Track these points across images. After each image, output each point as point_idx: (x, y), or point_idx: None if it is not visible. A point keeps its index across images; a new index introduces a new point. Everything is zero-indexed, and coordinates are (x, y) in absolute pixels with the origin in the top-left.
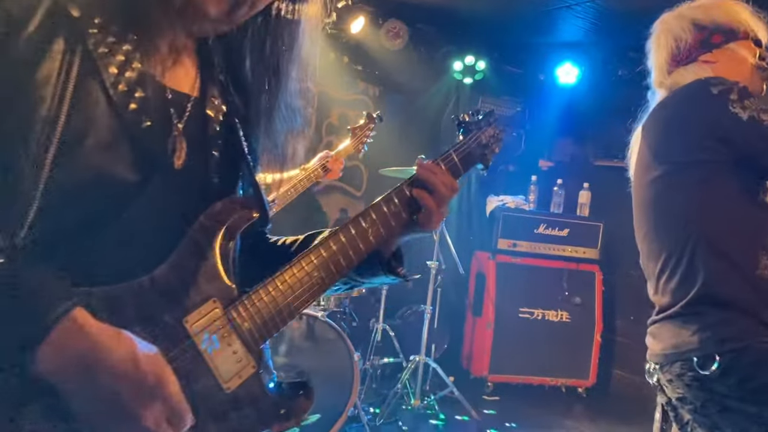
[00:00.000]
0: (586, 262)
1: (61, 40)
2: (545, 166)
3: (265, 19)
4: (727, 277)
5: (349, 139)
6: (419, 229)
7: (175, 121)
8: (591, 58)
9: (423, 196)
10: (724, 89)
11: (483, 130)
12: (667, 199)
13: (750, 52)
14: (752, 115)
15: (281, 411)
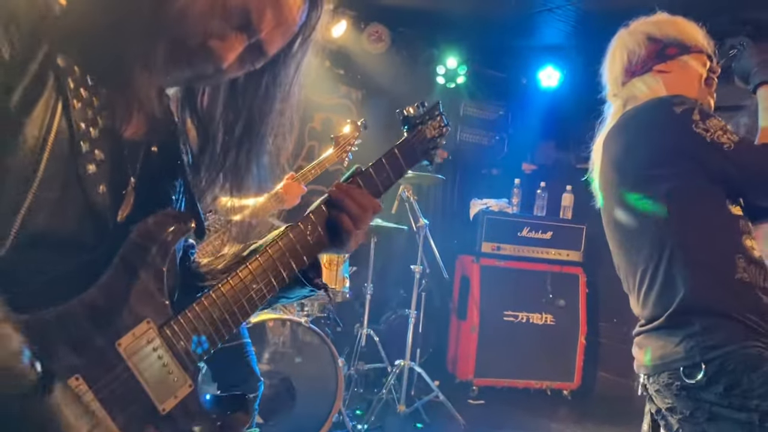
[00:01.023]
0: (569, 264)
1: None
2: (528, 170)
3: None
4: (707, 285)
5: (332, 147)
6: (335, 249)
7: (130, 178)
8: (572, 62)
9: (338, 218)
10: (686, 109)
11: (427, 125)
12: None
13: (701, 65)
14: (714, 135)
15: (218, 425)
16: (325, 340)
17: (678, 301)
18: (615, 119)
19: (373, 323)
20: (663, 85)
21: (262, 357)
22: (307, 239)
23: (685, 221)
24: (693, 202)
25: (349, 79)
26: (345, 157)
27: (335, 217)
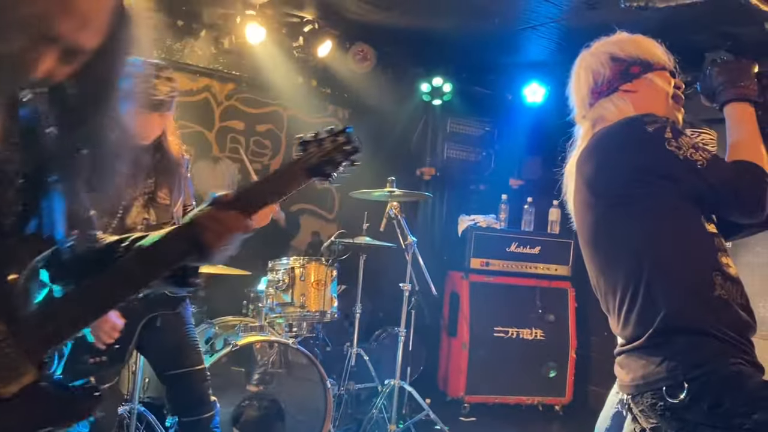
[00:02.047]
0: (558, 279)
1: None
2: (515, 185)
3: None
4: (686, 303)
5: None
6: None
7: None
8: (557, 78)
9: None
10: (658, 127)
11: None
12: (612, 233)
13: (666, 82)
14: (686, 153)
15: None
16: (313, 360)
17: (659, 320)
18: (585, 141)
19: (362, 342)
20: (631, 105)
21: (251, 379)
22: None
23: (661, 240)
24: (668, 220)
25: (335, 98)
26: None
27: (197, 234)
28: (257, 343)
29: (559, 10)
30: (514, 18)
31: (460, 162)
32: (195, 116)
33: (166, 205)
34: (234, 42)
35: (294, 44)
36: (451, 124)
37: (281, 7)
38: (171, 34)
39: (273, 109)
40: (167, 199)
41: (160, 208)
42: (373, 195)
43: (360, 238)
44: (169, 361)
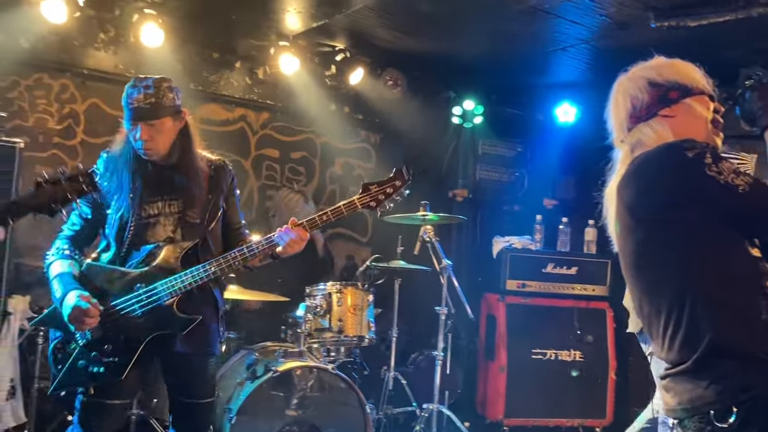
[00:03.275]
0: (595, 299)
1: None
2: (550, 205)
3: None
4: (732, 327)
5: (359, 194)
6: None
7: None
8: (589, 97)
9: None
10: (698, 152)
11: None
12: (654, 258)
13: (705, 107)
14: (727, 178)
15: None
16: (352, 385)
17: (704, 344)
18: (624, 165)
19: (400, 366)
20: (669, 130)
21: (290, 403)
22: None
23: (704, 264)
24: (710, 244)
25: (367, 124)
26: (377, 207)
27: None
28: (297, 368)
29: (589, 31)
30: (544, 40)
31: (492, 183)
32: (232, 145)
33: (196, 224)
34: (268, 72)
35: (326, 73)
36: (482, 145)
37: (314, 38)
38: (207, 66)
39: (306, 137)
40: (197, 218)
41: (189, 227)
42: (407, 219)
43: (395, 262)
44: (178, 387)
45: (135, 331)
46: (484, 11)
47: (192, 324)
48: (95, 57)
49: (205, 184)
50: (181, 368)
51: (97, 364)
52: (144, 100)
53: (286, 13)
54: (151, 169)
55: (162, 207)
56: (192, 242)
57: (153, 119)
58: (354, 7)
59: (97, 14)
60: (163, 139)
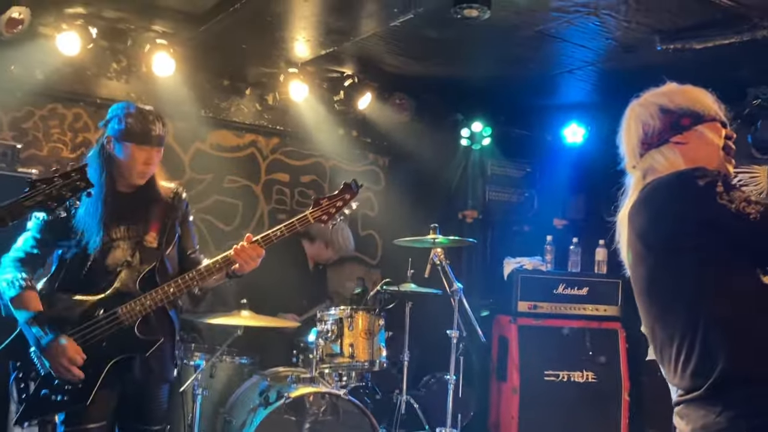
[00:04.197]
0: (607, 320)
1: None
2: (560, 225)
3: None
4: (744, 354)
5: (310, 209)
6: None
7: None
8: (596, 118)
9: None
10: (709, 181)
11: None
12: (666, 285)
13: (717, 133)
14: (738, 206)
15: None
16: (364, 410)
17: (717, 371)
18: (636, 191)
19: (411, 389)
20: (681, 157)
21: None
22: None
23: (716, 293)
24: (722, 273)
25: (375, 147)
26: (329, 220)
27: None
28: (310, 394)
29: (596, 54)
30: (551, 63)
31: (502, 204)
32: (242, 171)
33: (154, 248)
34: (278, 98)
35: (335, 98)
36: (491, 166)
37: (322, 64)
38: (217, 93)
39: (316, 161)
40: (154, 243)
41: (146, 251)
42: (417, 243)
43: (405, 286)
44: (132, 412)
45: (97, 357)
46: (491, 37)
47: (154, 345)
48: (108, 86)
49: (163, 210)
50: (136, 393)
51: (59, 392)
52: (162, 128)
53: (295, 42)
54: (115, 194)
55: (123, 232)
56: (150, 266)
57: (162, 147)
58: (362, 35)
59: (110, 45)
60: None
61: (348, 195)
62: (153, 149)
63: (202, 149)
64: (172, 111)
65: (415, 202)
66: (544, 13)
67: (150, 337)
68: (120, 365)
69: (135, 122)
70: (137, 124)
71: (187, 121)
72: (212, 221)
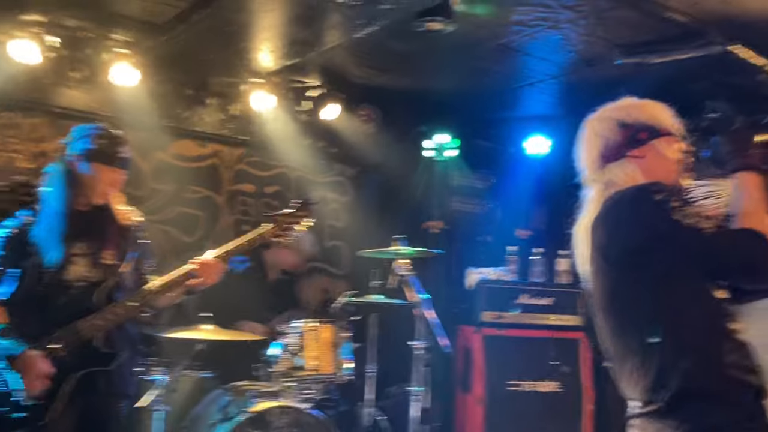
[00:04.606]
0: (570, 329)
1: None
2: (523, 236)
3: None
4: (698, 369)
5: (268, 224)
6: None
7: None
8: (559, 130)
9: None
10: (666, 196)
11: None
12: (625, 299)
13: (674, 148)
14: (692, 221)
15: None
16: (327, 424)
17: (673, 386)
18: (595, 204)
19: (376, 401)
20: (639, 171)
21: None
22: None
23: (671, 307)
24: (678, 287)
25: (342, 158)
26: (284, 236)
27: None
28: (272, 408)
29: (558, 67)
30: (513, 76)
31: (466, 215)
32: (205, 181)
33: (111, 265)
34: (242, 108)
35: (300, 108)
36: (456, 177)
37: (287, 75)
38: (180, 103)
39: (280, 171)
40: (112, 260)
41: (104, 268)
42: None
43: (370, 297)
44: (89, 427)
45: (59, 373)
46: (454, 49)
47: (118, 359)
48: (67, 96)
49: (120, 230)
50: (96, 409)
51: (18, 409)
52: (128, 151)
53: (259, 52)
54: (74, 211)
55: (81, 248)
56: (109, 281)
57: (127, 170)
58: (327, 46)
59: (69, 54)
60: None
61: (303, 212)
62: (118, 171)
63: (164, 159)
64: (133, 121)
65: (381, 213)
66: (506, 26)
67: (112, 351)
68: (81, 380)
69: (105, 144)
70: (107, 146)
71: (148, 130)
72: (173, 233)
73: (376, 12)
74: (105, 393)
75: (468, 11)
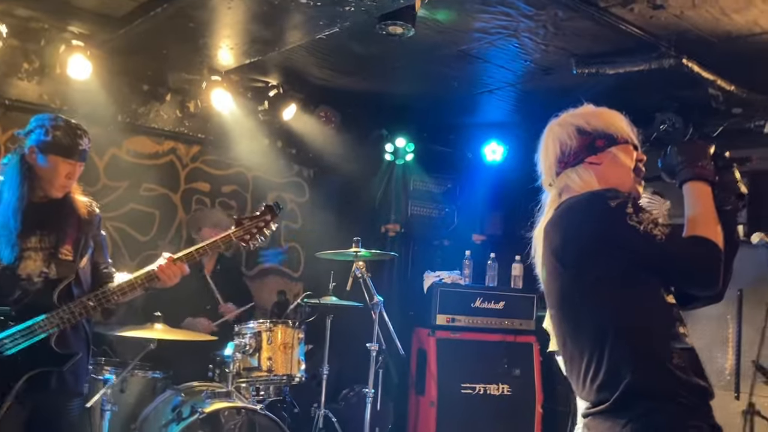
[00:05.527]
0: (523, 333)
1: None
2: (478, 240)
3: None
4: (648, 371)
5: (233, 227)
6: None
7: None
8: (515, 137)
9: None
10: (620, 202)
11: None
12: (578, 302)
13: (629, 156)
14: (646, 227)
15: None
16: (280, 425)
17: (623, 386)
18: (552, 209)
19: (330, 402)
20: (595, 177)
21: None
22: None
23: (623, 310)
24: (630, 291)
25: (300, 158)
26: (250, 240)
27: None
28: (225, 410)
29: (515, 75)
30: (473, 83)
31: (423, 218)
32: (160, 179)
33: (69, 261)
34: (199, 106)
35: (259, 107)
36: (414, 182)
37: (247, 73)
38: (136, 98)
39: (238, 171)
40: (70, 255)
41: (62, 264)
42: (339, 255)
43: (326, 299)
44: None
45: (10, 371)
46: (415, 54)
47: (71, 360)
48: (19, 87)
49: (78, 224)
50: (48, 407)
51: None
52: (88, 143)
53: (218, 49)
54: (29, 204)
55: (36, 242)
56: (67, 278)
57: (85, 162)
58: (288, 45)
59: (21, 45)
60: None
61: (269, 216)
62: (77, 164)
63: (119, 155)
64: (87, 115)
65: (339, 215)
66: (467, 33)
67: (67, 351)
68: (33, 379)
69: (63, 135)
70: (65, 138)
71: (102, 126)
72: (127, 230)
73: (338, 13)
74: (56, 391)
75: (430, 16)
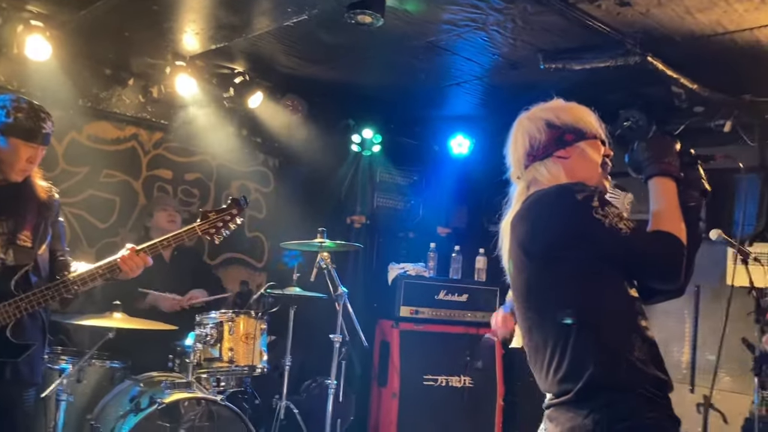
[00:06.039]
0: (486, 326)
1: None
2: (443, 233)
3: None
4: (609, 362)
5: (198, 221)
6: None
7: None
8: (482, 131)
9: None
10: (587, 196)
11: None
12: (543, 293)
13: (597, 151)
14: (612, 221)
15: None
16: (241, 416)
17: (585, 377)
18: (520, 200)
19: (292, 394)
20: (563, 171)
21: None
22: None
23: (587, 302)
24: (594, 283)
25: (266, 147)
26: (216, 234)
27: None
28: (185, 400)
29: (482, 68)
30: (440, 75)
31: (389, 210)
32: (121, 165)
33: (28, 248)
34: (163, 91)
35: (224, 95)
36: (380, 173)
37: (212, 59)
38: (98, 82)
39: (202, 158)
40: (28, 242)
41: (20, 250)
42: (304, 246)
43: (290, 289)
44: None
45: None
46: (383, 44)
47: (28, 351)
48: None
49: (37, 209)
50: (1, 399)
51: None
52: (51, 126)
53: (183, 34)
54: None
55: None
56: (25, 266)
57: (47, 145)
58: (255, 32)
59: None
60: None
61: (236, 210)
62: (39, 147)
63: (78, 140)
64: (46, 98)
65: (304, 206)
66: (436, 24)
67: (23, 342)
68: None
69: (25, 117)
70: (27, 120)
71: (62, 109)
72: (86, 217)
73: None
74: (10, 382)
75: (399, 7)
